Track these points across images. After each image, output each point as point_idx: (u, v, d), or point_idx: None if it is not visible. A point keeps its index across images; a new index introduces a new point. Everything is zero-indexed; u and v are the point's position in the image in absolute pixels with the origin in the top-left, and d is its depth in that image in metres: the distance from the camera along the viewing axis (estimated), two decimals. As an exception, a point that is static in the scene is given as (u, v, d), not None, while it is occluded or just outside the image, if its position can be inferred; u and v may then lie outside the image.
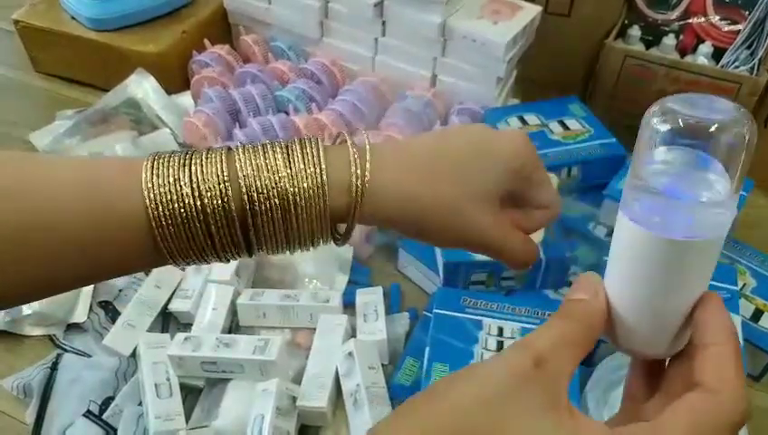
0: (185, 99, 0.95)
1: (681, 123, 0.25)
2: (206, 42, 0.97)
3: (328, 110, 0.87)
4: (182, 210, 0.31)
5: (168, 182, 0.31)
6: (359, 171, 0.32)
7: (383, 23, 0.89)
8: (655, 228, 0.26)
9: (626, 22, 0.91)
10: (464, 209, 0.34)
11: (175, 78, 0.96)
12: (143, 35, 0.96)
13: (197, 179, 0.31)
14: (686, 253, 0.26)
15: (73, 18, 0.98)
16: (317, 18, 0.94)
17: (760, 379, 0.68)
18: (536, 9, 0.89)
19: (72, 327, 0.70)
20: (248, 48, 0.98)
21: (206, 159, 0.31)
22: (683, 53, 0.90)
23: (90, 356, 0.67)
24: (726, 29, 0.87)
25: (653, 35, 0.91)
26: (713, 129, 0.25)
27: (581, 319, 0.27)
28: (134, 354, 0.67)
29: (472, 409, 0.24)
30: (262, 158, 0.32)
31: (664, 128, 0.25)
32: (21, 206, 0.30)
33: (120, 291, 0.73)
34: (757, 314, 0.69)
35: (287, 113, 0.86)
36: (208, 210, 0.31)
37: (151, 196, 0.30)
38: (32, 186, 0.31)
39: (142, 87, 0.92)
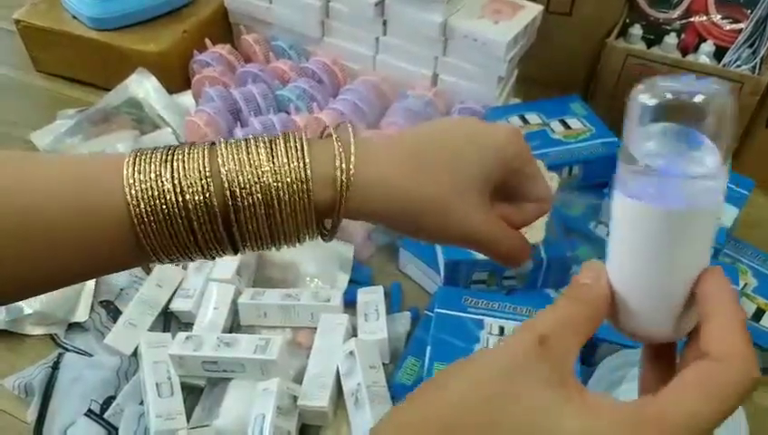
0: (186, 98, 0.95)
1: (668, 97, 0.26)
2: (207, 41, 0.97)
3: (329, 109, 0.87)
4: (164, 206, 0.30)
5: (150, 178, 0.30)
6: (343, 165, 0.32)
7: (384, 22, 0.89)
8: (652, 201, 0.26)
9: (627, 21, 0.91)
10: (452, 204, 0.34)
11: (176, 77, 0.96)
12: (144, 35, 0.96)
13: (179, 175, 0.30)
14: (684, 222, 0.26)
15: (74, 18, 0.98)
16: (318, 17, 0.93)
17: (761, 378, 0.68)
18: (537, 8, 0.89)
19: (74, 326, 0.70)
20: (249, 47, 0.98)
21: (188, 154, 0.31)
22: (684, 51, 0.90)
23: (91, 355, 0.68)
24: (728, 28, 0.87)
25: (654, 34, 0.91)
26: (697, 101, 0.26)
27: (585, 302, 0.27)
28: (135, 354, 0.67)
29: (470, 399, 0.24)
30: (244, 152, 0.31)
31: (651, 102, 0.26)
32: (21, 204, 0.30)
33: (122, 290, 0.73)
34: (759, 314, 0.69)
35: (288, 113, 0.86)
36: (190, 206, 0.30)
37: (132, 192, 0.30)
38: (31, 185, 0.31)
39: (143, 86, 0.92)
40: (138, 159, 0.31)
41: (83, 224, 0.31)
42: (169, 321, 0.71)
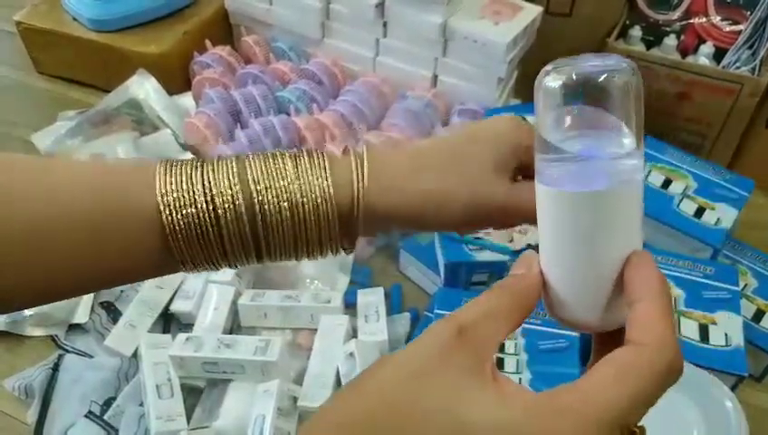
0: (186, 100, 0.95)
1: (573, 78, 0.25)
2: (208, 43, 0.97)
3: (329, 110, 0.87)
4: (195, 215, 0.31)
5: (181, 188, 0.31)
6: (359, 177, 0.33)
7: (384, 23, 0.89)
8: (569, 187, 0.26)
9: (627, 22, 0.91)
10: (455, 194, 0.34)
11: (176, 79, 0.96)
12: (144, 36, 0.96)
13: (209, 184, 0.32)
14: (603, 205, 0.26)
15: (75, 19, 0.98)
16: (318, 19, 0.94)
17: (761, 379, 0.68)
18: (537, 9, 0.89)
19: (74, 328, 0.70)
20: (249, 49, 0.99)
21: (217, 165, 0.32)
22: (684, 53, 0.90)
23: (91, 357, 0.68)
24: (728, 29, 0.87)
25: (654, 36, 0.91)
26: (601, 80, 0.25)
27: (511, 293, 0.28)
28: (135, 355, 0.67)
29: (395, 386, 0.24)
30: (271, 163, 0.33)
31: (556, 84, 0.26)
32: (27, 211, 0.30)
33: (122, 292, 0.73)
34: (759, 315, 0.69)
35: (288, 114, 0.86)
36: (220, 213, 0.31)
37: (165, 201, 0.31)
38: (40, 190, 0.31)
39: (144, 88, 0.92)
40: (168, 169, 0.32)
41: (105, 233, 0.31)
42: (169, 322, 0.71)
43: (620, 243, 0.27)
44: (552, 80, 0.26)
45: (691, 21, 0.89)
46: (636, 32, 0.90)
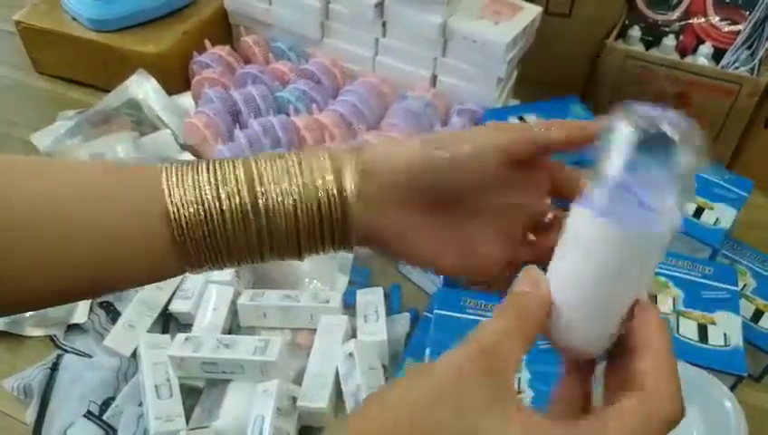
0: (185, 100, 0.95)
1: (647, 126, 0.27)
2: (207, 42, 0.97)
3: (328, 110, 0.87)
4: (202, 213, 0.31)
5: (188, 186, 0.31)
6: (355, 164, 0.33)
7: (384, 23, 0.90)
8: (614, 221, 0.27)
9: (626, 22, 0.91)
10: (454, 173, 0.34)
11: (175, 79, 0.96)
12: (144, 36, 0.96)
13: (216, 182, 0.32)
14: (643, 245, 0.27)
15: (74, 19, 0.98)
16: (318, 19, 0.94)
17: (760, 380, 0.68)
18: (537, 10, 0.89)
19: (73, 328, 0.70)
20: (249, 49, 0.99)
21: (224, 165, 0.33)
22: (683, 53, 0.90)
23: (90, 357, 0.68)
24: (727, 29, 0.87)
25: (653, 36, 0.91)
26: (673, 135, 0.26)
27: (524, 310, 0.28)
28: (134, 355, 0.67)
29: (422, 405, 0.25)
30: (278, 163, 0.33)
31: (629, 130, 0.27)
32: (29, 214, 0.30)
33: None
34: (757, 315, 0.69)
35: (288, 114, 0.86)
36: (227, 214, 0.32)
37: (173, 200, 0.31)
38: (40, 191, 0.30)
39: (143, 88, 0.92)
40: (174, 169, 0.32)
41: (108, 234, 0.31)
42: (168, 322, 0.71)
43: (641, 283, 0.28)
44: (626, 125, 0.27)
45: (690, 21, 0.89)
46: (635, 32, 0.90)
